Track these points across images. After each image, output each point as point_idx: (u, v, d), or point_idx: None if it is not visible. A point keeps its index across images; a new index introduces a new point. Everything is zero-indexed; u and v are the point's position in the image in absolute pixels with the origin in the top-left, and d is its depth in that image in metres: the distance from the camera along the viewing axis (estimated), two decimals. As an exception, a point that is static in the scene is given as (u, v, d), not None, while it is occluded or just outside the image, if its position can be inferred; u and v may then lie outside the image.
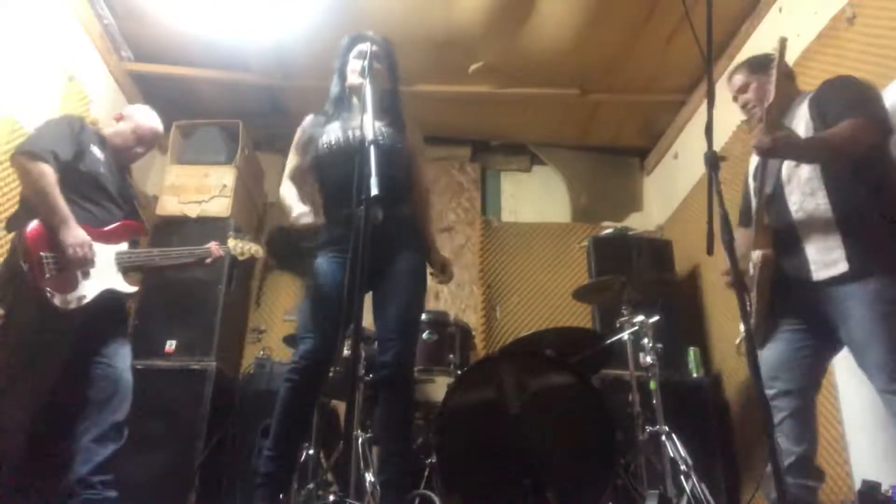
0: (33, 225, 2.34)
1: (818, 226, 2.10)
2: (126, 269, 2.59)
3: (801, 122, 2.20)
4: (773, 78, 2.03)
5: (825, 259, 2.07)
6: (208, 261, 2.82)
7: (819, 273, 2.08)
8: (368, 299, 2.41)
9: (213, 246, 2.83)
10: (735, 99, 2.45)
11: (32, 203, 2.39)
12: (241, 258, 2.97)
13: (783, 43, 2.07)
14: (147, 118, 2.81)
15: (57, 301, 2.31)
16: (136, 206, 2.79)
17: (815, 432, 2.25)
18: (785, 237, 2.17)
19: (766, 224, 2.20)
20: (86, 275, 2.41)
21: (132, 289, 2.61)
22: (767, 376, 2.24)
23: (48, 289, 2.30)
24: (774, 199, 2.24)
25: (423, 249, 2.49)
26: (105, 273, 2.49)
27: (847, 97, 2.13)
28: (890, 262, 1.98)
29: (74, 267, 2.37)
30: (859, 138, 2.02)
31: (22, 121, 3.07)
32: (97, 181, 2.55)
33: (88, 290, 2.41)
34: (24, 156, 2.36)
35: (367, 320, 2.43)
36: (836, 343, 2.17)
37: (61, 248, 2.33)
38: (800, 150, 2.10)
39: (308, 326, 2.32)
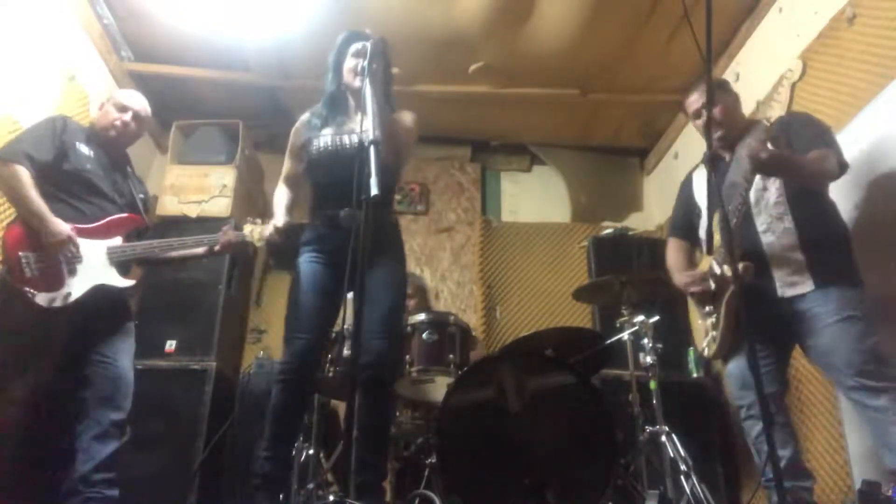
0: (11, 226, 2.36)
1: (785, 247, 2.30)
2: (121, 263, 2.55)
3: None
4: (788, 96, 2.10)
5: (792, 278, 2.27)
6: (217, 248, 2.72)
7: (785, 291, 2.27)
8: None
9: (224, 231, 2.73)
10: (698, 114, 2.55)
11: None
12: (258, 244, 2.74)
13: (797, 68, 2.13)
14: (126, 92, 2.79)
15: (40, 300, 2.30)
16: (137, 199, 2.74)
17: (795, 434, 2.40)
18: (750, 255, 2.28)
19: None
20: (72, 272, 2.39)
21: (128, 283, 2.56)
22: (737, 389, 2.41)
23: (29, 288, 2.30)
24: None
25: (403, 259, 2.53)
26: (95, 269, 2.46)
27: (816, 130, 2.34)
28: (848, 274, 2.23)
29: (57, 263, 2.36)
30: (832, 169, 2.23)
31: (21, 120, 3.07)
32: (83, 178, 2.53)
33: (75, 286, 2.39)
34: None
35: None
36: (790, 349, 2.44)
37: (42, 247, 2.33)
38: (788, 168, 2.25)
39: (296, 327, 2.33)
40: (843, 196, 2.44)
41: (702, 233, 2.51)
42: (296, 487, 2.51)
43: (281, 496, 2.32)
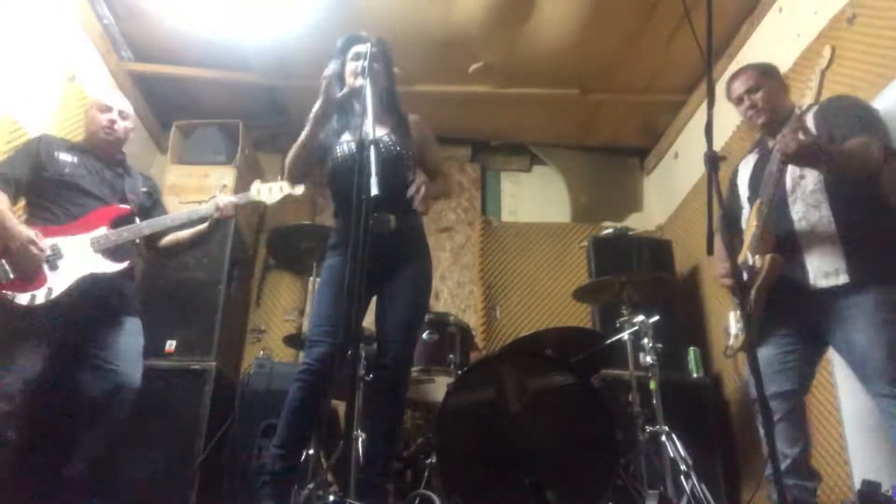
0: None
1: (820, 237, 2.18)
2: (108, 250, 2.55)
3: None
4: (818, 83, 2.05)
5: (826, 269, 2.15)
6: (217, 215, 2.68)
7: (818, 282, 2.16)
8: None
9: (219, 198, 2.64)
10: (740, 100, 2.44)
11: None
12: (269, 203, 2.63)
13: (826, 54, 2.09)
14: (105, 92, 2.84)
15: (20, 301, 2.34)
16: (130, 194, 2.74)
17: (808, 434, 2.32)
18: (784, 245, 2.22)
19: (767, 230, 2.24)
20: (53, 268, 2.43)
21: (118, 267, 2.56)
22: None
23: (5, 291, 2.33)
24: (775, 207, 2.27)
25: (428, 259, 2.51)
26: (79, 261, 2.48)
27: (855, 116, 2.20)
28: (888, 272, 2.07)
29: (34, 265, 2.38)
30: (874, 158, 2.09)
31: (21, 120, 3.07)
32: (66, 182, 2.58)
33: (57, 282, 2.41)
34: None
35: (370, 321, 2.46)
36: (822, 348, 2.30)
37: (11, 253, 2.37)
38: (822, 159, 2.12)
39: (320, 328, 2.33)
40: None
41: (743, 224, 2.41)
42: (296, 487, 2.50)
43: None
